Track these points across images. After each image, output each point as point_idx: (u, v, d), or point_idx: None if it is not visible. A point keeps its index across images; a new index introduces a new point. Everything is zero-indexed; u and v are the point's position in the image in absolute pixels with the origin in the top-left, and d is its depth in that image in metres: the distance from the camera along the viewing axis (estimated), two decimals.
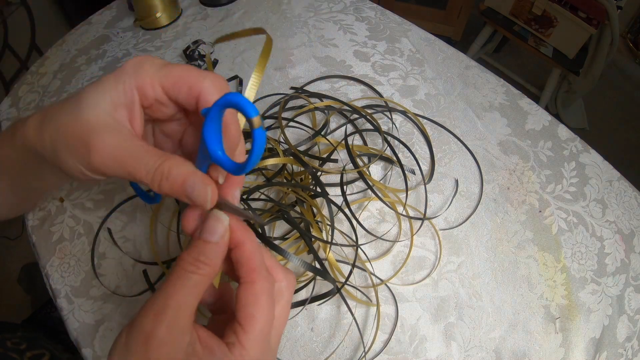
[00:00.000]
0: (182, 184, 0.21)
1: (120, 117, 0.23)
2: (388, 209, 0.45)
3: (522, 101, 0.55)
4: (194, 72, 0.22)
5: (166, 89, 0.23)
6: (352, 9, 0.67)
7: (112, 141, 0.22)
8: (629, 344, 0.39)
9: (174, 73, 0.22)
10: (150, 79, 0.22)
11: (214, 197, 0.22)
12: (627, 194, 0.47)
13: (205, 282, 0.21)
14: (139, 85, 0.22)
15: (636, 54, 1.63)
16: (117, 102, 0.22)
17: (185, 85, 0.22)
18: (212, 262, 0.21)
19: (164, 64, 0.23)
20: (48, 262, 0.43)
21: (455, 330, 0.39)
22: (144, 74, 0.22)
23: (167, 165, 0.21)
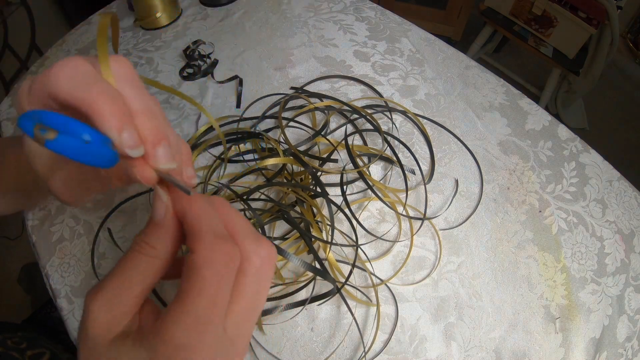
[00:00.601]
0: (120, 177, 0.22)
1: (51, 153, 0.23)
2: (388, 209, 0.45)
3: (522, 101, 0.55)
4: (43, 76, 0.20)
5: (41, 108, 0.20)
6: (352, 9, 0.67)
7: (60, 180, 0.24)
8: (629, 344, 0.39)
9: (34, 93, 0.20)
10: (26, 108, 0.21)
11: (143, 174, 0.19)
12: (627, 194, 0.47)
13: (153, 266, 0.19)
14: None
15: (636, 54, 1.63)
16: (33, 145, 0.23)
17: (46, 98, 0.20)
18: (156, 244, 0.20)
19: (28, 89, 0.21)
20: (48, 262, 0.43)
21: (455, 330, 0.39)
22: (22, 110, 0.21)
23: None
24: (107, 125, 0.18)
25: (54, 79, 0.19)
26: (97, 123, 0.18)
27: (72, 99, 0.19)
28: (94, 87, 0.19)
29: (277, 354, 0.37)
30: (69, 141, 0.17)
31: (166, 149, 0.20)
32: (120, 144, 0.18)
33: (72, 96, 0.19)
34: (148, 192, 0.46)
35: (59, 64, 0.19)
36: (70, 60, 0.19)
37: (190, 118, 0.53)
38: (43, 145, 0.17)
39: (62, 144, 0.17)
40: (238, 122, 0.51)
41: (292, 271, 0.42)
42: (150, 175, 0.19)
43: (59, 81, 0.19)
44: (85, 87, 0.19)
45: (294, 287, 0.40)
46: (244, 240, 0.20)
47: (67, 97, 0.19)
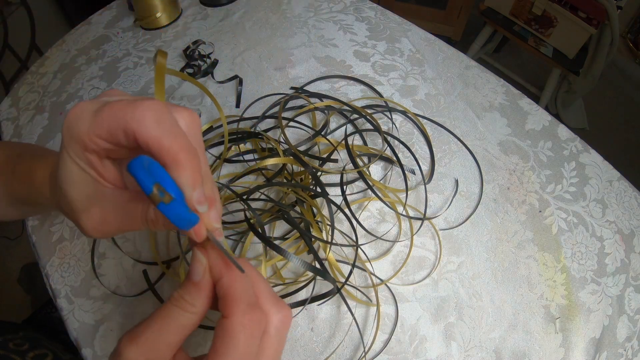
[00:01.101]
0: (170, 225, 0.21)
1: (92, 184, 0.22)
2: (388, 209, 0.45)
3: (522, 101, 0.55)
4: (120, 111, 0.19)
5: (105, 139, 0.20)
6: (352, 9, 0.67)
7: (95, 218, 0.23)
8: (629, 344, 0.39)
9: (103, 122, 0.20)
10: (86, 138, 0.20)
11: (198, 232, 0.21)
12: (627, 194, 0.47)
13: (189, 320, 0.21)
14: (83, 148, 0.21)
15: (636, 54, 1.63)
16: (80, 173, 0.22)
17: (120, 131, 0.19)
18: (194, 301, 0.21)
19: (93, 114, 0.20)
20: (48, 262, 0.43)
21: (455, 330, 0.39)
22: (79, 135, 0.20)
23: (152, 211, 0.22)
24: (185, 180, 0.19)
25: (140, 118, 0.19)
26: (175, 175, 0.19)
27: (155, 144, 0.19)
28: (179, 138, 0.19)
29: None
30: (179, 209, 0.18)
31: (218, 211, 0.22)
32: (191, 200, 0.20)
33: (157, 141, 0.19)
34: None
35: (146, 105, 0.19)
36: (156, 104, 0.20)
37: None
38: (155, 205, 0.18)
39: (173, 210, 0.18)
40: (238, 122, 0.51)
41: (292, 271, 0.42)
42: (204, 233, 0.21)
43: (144, 122, 0.19)
44: (172, 137, 0.19)
45: (294, 287, 0.40)
46: (267, 303, 0.22)
47: (150, 140, 0.19)
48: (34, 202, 0.31)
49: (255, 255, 0.42)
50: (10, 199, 0.32)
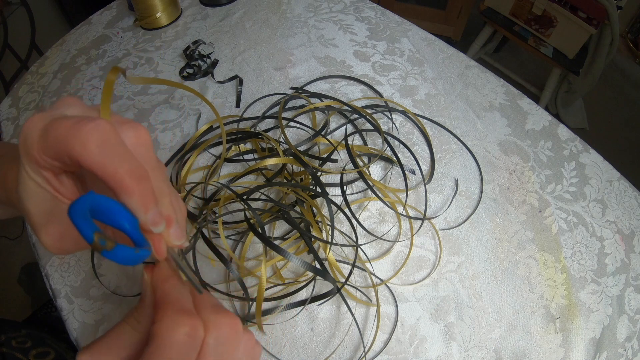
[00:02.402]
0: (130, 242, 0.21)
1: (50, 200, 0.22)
2: (388, 209, 0.45)
3: (522, 101, 0.55)
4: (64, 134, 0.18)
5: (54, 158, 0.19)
6: (352, 9, 0.67)
7: (53, 234, 0.22)
8: (629, 344, 0.39)
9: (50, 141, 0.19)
10: (37, 156, 0.19)
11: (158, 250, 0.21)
12: (627, 194, 0.47)
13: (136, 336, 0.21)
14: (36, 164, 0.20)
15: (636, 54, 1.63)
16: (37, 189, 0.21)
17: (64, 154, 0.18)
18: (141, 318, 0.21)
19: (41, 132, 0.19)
20: (48, 262, 0.43)
21: (455, 330, 0.39)
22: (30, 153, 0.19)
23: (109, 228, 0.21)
24: (135, 205, 0.19)
25: (82, 142, 0.18)
26: (124, 200, 0.19)
27: (99, 170, 0.18)
28: (125, 162, 0.19)
29: (277, 354, 0.37)
30: (125, 251, 0.18)
31: (181, 225, 0.22)
32: (146, 223, 0.19)
33: (101, 167, 0.18)
34: None
35: (89, 129, 0.18)
36: (100, 126, 0.19)
37: (190, 118, 0.53)
38: (100, 253, 0.17)
39: (118, 254, 0.18)
40: (238, 122, 0.51)
41: (292, 271, 0.42)
42: (164, 250, 0.21)
43: (87, 146, 0.18)
44: (117, 161, 0.18)
45: (294, 287, 0.40)
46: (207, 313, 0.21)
47: (94, 166, 0.18)
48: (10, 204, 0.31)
49: (255, 255, 0.43)
50: None
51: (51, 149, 0.19)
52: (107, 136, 0.19)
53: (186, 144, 0.50)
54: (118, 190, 0.18)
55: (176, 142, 0.51)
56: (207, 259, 0.42)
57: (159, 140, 0.51)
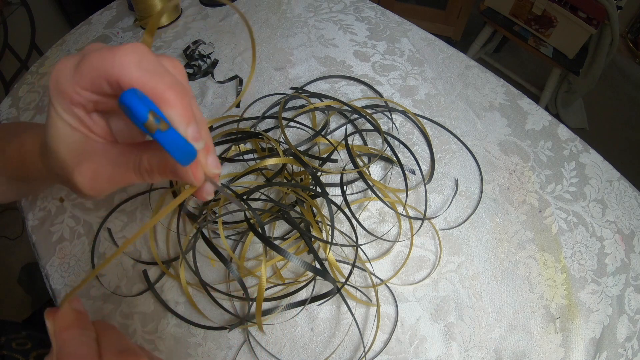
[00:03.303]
0: (165, 172, 0.21)
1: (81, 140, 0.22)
2: (388, 209, 0.45)
3: (522, 101, 0.55)
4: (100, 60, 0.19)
5: (90, 90, 0.20)
6: (352, 9, 0.67)
7: (87, 173, 0.22)
8: (629, 344, 0.39)
9: (85, 73, 0.19)
10: (72, 91, 0.20)
11: (197, 176, 0.21)
12: (627, 194, 0.47)
13: None
14: (70, 102, 0.20)
15: (636, 54, 1.63)
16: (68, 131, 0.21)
17: (102, 80, 0.19)
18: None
19: (74, 67, 0.20)
20: (48, 262, 0.43)
21: (455, 330, 0.39)
22: (64, 90, 0.20)
23: (145, 160, 0.22)
24: (177, 117, 0.19)
25: (120, 63, 0.18)
26: (166, 113, 0.19)
27: (139, 86, 0.18)
28: (165, 77, 0.19)
29: (277, 354, 0.37)
30: (176, 136, 0.17)
31: (216, 156, 0.22)
32: (186, 136, 0.19)
33: (142, 82, 0.18)
34: (148, 192, 0.46)
35: (124, 49, 0.19)
36: (136, 46, 0.19)
37: None
38: (152, 133, 0.17)
39: (169, 137, 0.17)
40: (238, 122, 0.51)
41: (292, 271, 0.42)
42: (202, 176, 0.21)
43: (125, 66, 0.18)
44: (157, 76, 0.19)
45: (294, 287, 0.40)
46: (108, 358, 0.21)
47: (134, 83, 0.18)
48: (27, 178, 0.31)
49: (255, 255, 0.43)
50: (5, 179, 0.33)
51: (87, 77, 0.19)
52: (144, 54, 0.19)
53: None
54: (160, 102, 0.19)
55: None
56: (207, 259, 0.42)
57: None
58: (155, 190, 0.47)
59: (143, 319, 0.39)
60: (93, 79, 0.19)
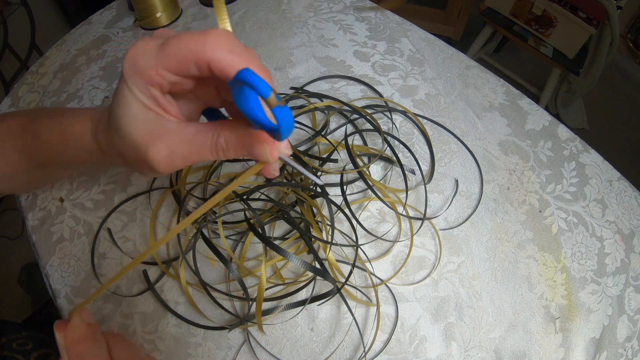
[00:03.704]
0: (242, 149, 0.23)
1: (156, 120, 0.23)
2: (388, 209, 0.45)
3: (522, 101, 0.55)
4: (190, 43, 0.20)
5: (174, 72, 0.21)
6: (352, 9, 0.67)
7: (163, 150, 0.23)
8: (629, 344, 0.39)
9: (172, 54, 0.21)
10: (153, 71, 0.21)
11: (273, 153, 0.22)
12: (627, 194, 0.47)
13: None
14: (148, 82, 0.22)
15: (636, 54, 1.63)
16: (142, 110, 0.22)
17: (190, 62, 0.21)
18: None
19: (158, 49, 0.21)
20: (48, 262, 0.43)
21: (455, 330, 0.39)
22: (144, 70, 0.21)
23: (222, 138, 0.23)
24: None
25: (213, 47, 0.20)
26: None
27: (232, 68, 0.20)
28: (254, 60, 0.21)
29: (277, 354, 0.37)
30: (288, 112, 0.19)
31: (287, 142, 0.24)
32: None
33: (233, 65, 0.20)
34: (148, 192, 0.46)
35: (216, 33, 0.20)
36: (225, 32, 0.21)
37: None
38: (272, 107, 0.18)
39: (285, 112, 0.19)
40: None
41: (292, 271, 0.42)
42: (277, 154, 0.23)
43: (218, 49, 0.20)
44: (247, 60, 0.20)
45: (294, 287, 0.40)
46: None
47: (226, 67, 0.20)
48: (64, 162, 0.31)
49: (255, 255, 0.43)
50: (29, 166, 0.32)
51: (174, 59, 0.21)
52: (233, 39, 0.21)
53: None
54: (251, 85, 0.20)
55: None
56: (207, 259, 0.42)
57: None
58: (156, 190, 0.47)
59: (143, 319, 0.39)
60: (181, 61, 0.21)
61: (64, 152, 0.30)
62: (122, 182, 0.48)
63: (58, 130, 0.29)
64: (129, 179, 0.48)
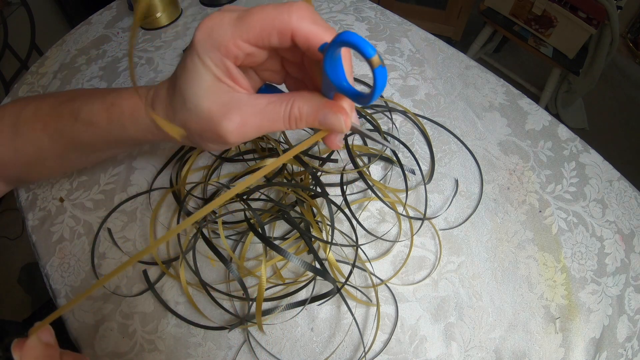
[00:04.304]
0: (315, 119, 0.23)
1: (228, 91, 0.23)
2: (388, 209, 0.45)
3: (522, 101, 0.55)
4: (273, 13, 0.21)
5: (252, 42, 0.22)
6: (352, 9, 0.67)
7: (236, 121, 0.23)
8: (629, 344, 0.39)
9: (254, 24, 0.21)
10: (231, 42, 0.22)
11: (347, 123, 0.23)
12: (627, 194, 0.47)
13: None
14: (224, 54, 0.22)
15: (636, 54, 1.63)
16: (215, 83, 0.23)
17: (274, 32, 0.21)
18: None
19: (237, 20, 0.22)
20: (48, 262, 0.43)
21: (455, 330, 0.39)
22: (221, 41, 0.22)
23: (295, 108, 0.23)
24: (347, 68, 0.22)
25: (297, 17, 0.21)
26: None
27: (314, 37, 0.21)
28: (332, 31, 0.22)
29: (277, 354, 0.37)
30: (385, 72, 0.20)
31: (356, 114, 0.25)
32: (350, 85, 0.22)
33: (316, 35, 0.21)
34: (148, 192, 0.46)
35: (298, 5, 0.21)
36: (306, 4, 0.22)
37: None
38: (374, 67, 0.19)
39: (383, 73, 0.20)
40: None
41: (292, 271, 0.42)
42: (350, 124, 0.23)
43: (302, 20, 0.21)
44: (329, 32, 0.21)
45: (294, 287, 0.40)
46: None
47: (311, 36, 0.21)
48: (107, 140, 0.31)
49: (255, 255, 0.43)
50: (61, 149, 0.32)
51: (255, 30, 0.21)
52: (314, 12, 0.22)
53: None
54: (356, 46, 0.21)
55: None
56: (207, 259, 0.42)
57: None
58: (156, 191, 0.47)
59: (143, 319, 0.39)
60: (263, 31, 0.21)
61: (107, 131, 0.30)
62: (122, 182, 0.48)
63: (102, 108, 0.29)
64: (129, 179, 0.48)
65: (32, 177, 0.37)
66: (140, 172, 0.48)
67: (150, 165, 0.49)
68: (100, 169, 0.49)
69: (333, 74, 0.21)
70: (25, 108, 0.32)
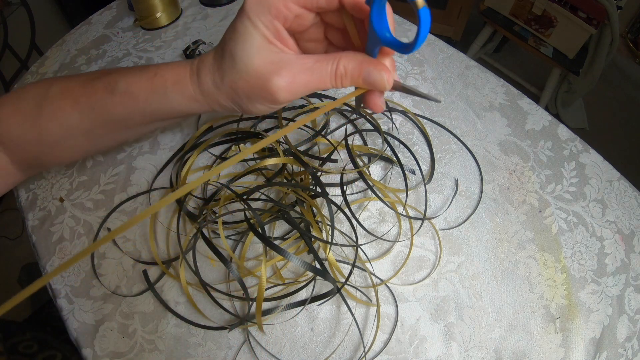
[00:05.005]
0: (359, 75, 0.24)
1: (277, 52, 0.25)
2: (388, 209, 0.45)
3: (522, 101, 0.55)
4: None
5: (301, 4, 0.23)
6: None
7: (286, 78, 0.25)
8: (629, 344, 0.39)
9: None
10: (281, 4, 0.23)
11: (389, 80, 0.24)
12: (627, 194, 0.47)
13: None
14: (274, 15, 0.23)
15: (636, 54, 1.63)
16: (265, 43, 0.24)
17: None
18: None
19: None
20: (48, 262, 0.43)
21: (455, 330, 0.39)
22: (272, 2, 0.23)
23: (341, 65, 0.24)
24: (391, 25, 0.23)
25: None
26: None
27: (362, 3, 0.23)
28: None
29: (277, 354, 0.37)
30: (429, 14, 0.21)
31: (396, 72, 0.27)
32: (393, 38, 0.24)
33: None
34: (148, 192, 0.46)
35: None
36: None
37: (190, 118, 0.53)
38: (419, 9, 0.20)
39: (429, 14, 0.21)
40: (238, 122, 0.51)
41: (292, 271, 0.42)
42: (392, 81, 0.25)
43: None
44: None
45: (294, 287, 0.40)
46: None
47: None
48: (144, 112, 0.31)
49: (255, 255, 0.43)
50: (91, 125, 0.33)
51: None
52: None
53: (186, 143, 0.50)
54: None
55: (176, 142, 0.51)
56: (207, 259, 0.42)
57: (159, 140, 0.51)
58: (156, 191, 0.47)
59: (143, 319, 0.39)
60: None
61: (147, 102, 0.30)
62: (122, 182, 0.48)
63: (144, 78, 0.30)
64: (129, 179, 0.48)
65: (53, 159, 0.37)
66: (140, 172, 0.48)
67: (150, 165, 0.49)
68: (101, 169, 0.49)
69: (379, 25, 0.22)
70: (51, 87, 0.32)
